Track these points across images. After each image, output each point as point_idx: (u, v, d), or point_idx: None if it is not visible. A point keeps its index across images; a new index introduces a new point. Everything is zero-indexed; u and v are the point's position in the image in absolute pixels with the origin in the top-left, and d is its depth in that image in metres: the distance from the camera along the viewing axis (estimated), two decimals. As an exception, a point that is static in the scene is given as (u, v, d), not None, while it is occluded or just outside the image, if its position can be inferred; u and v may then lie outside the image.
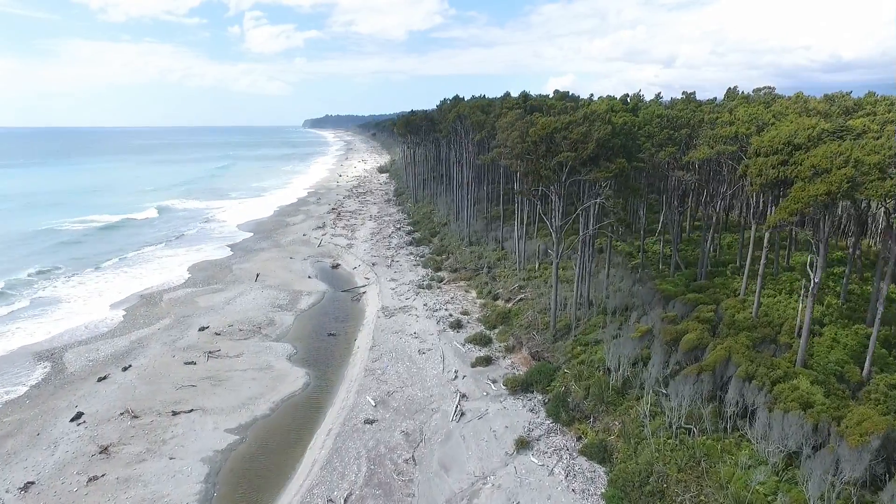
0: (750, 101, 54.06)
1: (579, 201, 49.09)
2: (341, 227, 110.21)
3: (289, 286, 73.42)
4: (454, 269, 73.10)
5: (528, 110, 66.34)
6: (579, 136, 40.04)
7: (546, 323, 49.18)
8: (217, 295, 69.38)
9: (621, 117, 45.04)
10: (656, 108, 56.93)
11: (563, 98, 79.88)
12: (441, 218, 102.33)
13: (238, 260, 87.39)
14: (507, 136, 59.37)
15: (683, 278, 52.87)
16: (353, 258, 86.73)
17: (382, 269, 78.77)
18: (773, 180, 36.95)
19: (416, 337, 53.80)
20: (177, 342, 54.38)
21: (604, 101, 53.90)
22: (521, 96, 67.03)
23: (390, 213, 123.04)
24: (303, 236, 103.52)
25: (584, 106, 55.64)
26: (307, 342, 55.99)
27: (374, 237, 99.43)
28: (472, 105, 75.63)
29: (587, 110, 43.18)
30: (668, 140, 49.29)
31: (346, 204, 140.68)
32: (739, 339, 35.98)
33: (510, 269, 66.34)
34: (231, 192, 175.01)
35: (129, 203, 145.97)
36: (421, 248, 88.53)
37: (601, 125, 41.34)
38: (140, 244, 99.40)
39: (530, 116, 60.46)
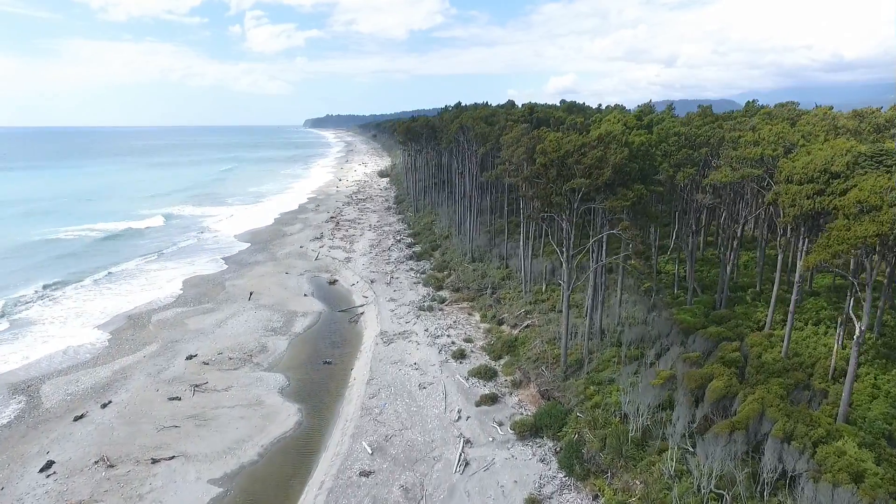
0: (773, 118, 50.75)
1: (591, 226, 45.76)
2: (339, 237, 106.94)
3: (283, 306, 70.15)
4: (456, 289, 69.80)
5: (535, 123, 63.14)
6: (594, 161, 36.76)
7: (556, 356, 45.88)
8: (208, 316, 66.12)
9: (638, 137, 41.71)
10: (671, 122, 53.59)
11: (571, 109, 76.61)
12: (442, 230, 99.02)
13: (232, 275, 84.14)
14: (512, 153, 56.12)
15: (701, 306, 49.56)
16: (352, 273, 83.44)
17: (381, 286, 75.47)
18: (808, 212, 33.65)
19: (416, 368, 50.50)
20: (162, 373, 51.11)
21: (616, 116, 50.60)
22: (527, 108, 63.74)
23: (390, 223, 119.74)
24: (300, 248, 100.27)
25: (594, 121, 52.31)
26: (301, 372, 52.72)
27: (374, 250, 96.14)
28: (475, 116, 72.31)
29: (602, 131, 39.87)
30: (687, 160, 45.97)
31: (345, 212, 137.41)
32: (772, 388, 32.67)
33: (516, 291, 63.02)
34: (232, 197, 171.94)
35: (131, 210, 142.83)
36: (422, 262, 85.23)
37: (617, 148, 38.03)
38: (133, 256, 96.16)
39: (537, 131, 57.20)
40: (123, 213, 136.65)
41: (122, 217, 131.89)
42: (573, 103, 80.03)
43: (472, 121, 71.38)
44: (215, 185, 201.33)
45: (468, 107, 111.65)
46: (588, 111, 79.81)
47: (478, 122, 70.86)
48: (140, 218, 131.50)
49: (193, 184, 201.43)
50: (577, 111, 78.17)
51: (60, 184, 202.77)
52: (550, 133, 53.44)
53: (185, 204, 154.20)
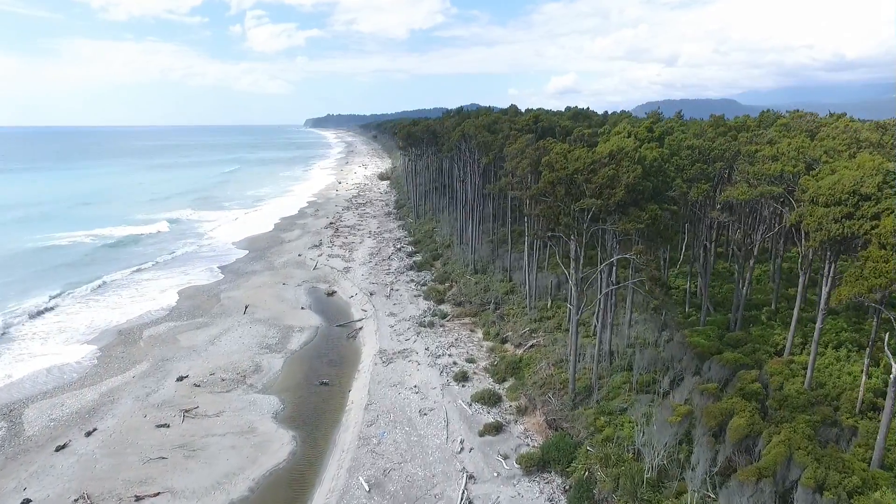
0: (790, 130, 48.48)
1: (599, 243, 43.51)
2: (339, 245, 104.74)
3: (280, 320, 67.96)
4: (458, 303, 67.57)
5: (539, 133, 60.89)
6: (605, 180, 34.50)
7: (563, 381, 43.62)
8: (201, 332, 63.92)
9: (650, 152, 39.41)
10: (683, 135, 51.29)
11: (576, 116, 74.24)
12: (444, 238, 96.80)
13: (228, 286, 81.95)
14: (516, 165, 53.89)
15: (715, 327, 47.30)
16: (350, 284, 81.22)
17: (381, 299, 73.24)
18: (836, 237, 31.38)
19: (416, 392, 48.26)
20: (151, 396, 48.90)
21: (625, 127, 48.32)
22: (531, 116, 61.46)
23: (390, 230, 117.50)
24: (298, 257, 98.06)
25: (602, 133, 49.99)
26: (296, 393, 50.52)
27: (373, 259, 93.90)
28: (478, 124, 70.00)
29: (612, 146, 37.59)
30: (701, 175, 43.70)
31: (345, 217, 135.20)
32: (798, 428, 30.41)
33: (519, 307, 60.77)
34: (232, 201, 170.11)
35: (131, 215, 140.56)
36: (422, 273, 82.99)
37: (630, 165, 35.77)
38: (130, 265, 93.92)
39: (542, 142, 54.92)
40: (123, 218, 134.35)
41: (122, 222, 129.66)
42: (578, 110, 77.53)
43: (475, 129, 69.07)
44: (217, 189, 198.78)
45: (470, 112, 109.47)
46: (593, 118, 77.50)
47: (480, 130, 68.55)
48: (141, 223, 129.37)
49: (195, 187, 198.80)
50: (582, 118, 75.87)
51: (59, 186, 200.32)
52: (557, 145, 51.19)
53: (186, 208, 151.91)
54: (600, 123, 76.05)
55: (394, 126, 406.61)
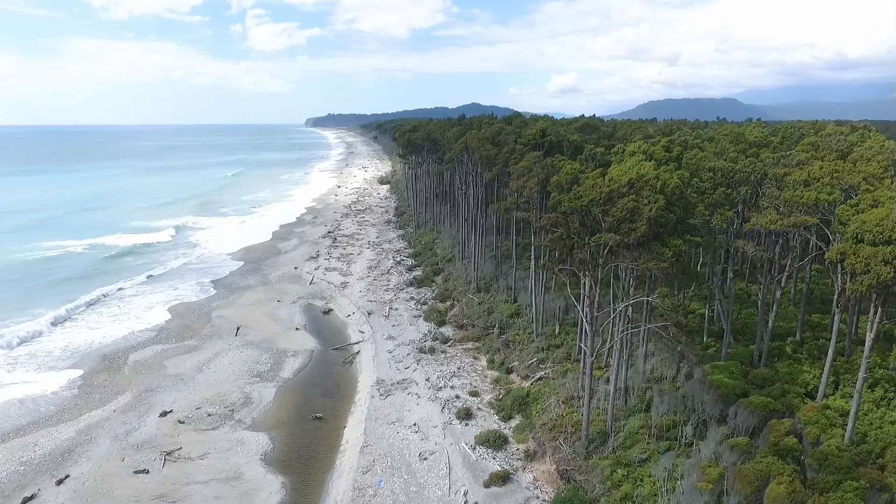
0: (819, 148, 45.04)
1: (613, 276, 40.07)
2: (336, 256, 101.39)
3: (273, 343, 64.63)
4: (460, 325, 64.20)
5: (547, 149, 57.49)
6: (625, 213, 31.12)
7: (574, 422, 40.24)
8: (189, 357, 60.60)
9: (670, 176, 35.99)
10: (700, 151, 47.82)
11: (585, 129, 70.67)
12: (445, 251, 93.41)
13: (220, 302, 78.61)
14: (523, 184, 50.49)
15: (738, 362, 43.87)
16: (348, 302, 77.85)
17: (379, 319, 69.86)
18: (886, 281, 27.97)
19: (416, 431, 44.88)
20: (131, 434, 45.53)
21: (640, 146, 44.85)
22: (538, 131, 58.04)
23: (390, 240, 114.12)
24: (294, 270, 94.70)
25: (615, 152, 46.49)
26: (288, 430, 47.17)
27: (372, 272, 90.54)
28: (481, 137, 66.55)
29: (630, 171, 34.18)
30: (725, 200, 40.27)
31: (344, 225, 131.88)
32: (846, 498, 26.99)
33: (526, 333, 57.36)
34: (231, 207, 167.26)
35: (135, 222, 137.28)
36: (423, 290, 79.62)
37: (651, 195, 32.38)
38: (121, 278, 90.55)
39: (551, 160, 51.50)
40: (122, 226, 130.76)
41: (121, 230, 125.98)
42: (586, 121, 73.99)
43: (478, 142, 65.63)
44: (219, 193, 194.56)
45: (472, 120, 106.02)
46: (601, 129, 73.82)
47: (483, 143, 65.11)
48: (141, 231, 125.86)
49: (197, 192, 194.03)
50: (590, 130, 72.24)
51: (58, 191, 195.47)
52: (566, 164, 47.80)
53: (186, 215, 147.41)
54: (609, 135, 72.70)
55: (394, 127, 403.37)
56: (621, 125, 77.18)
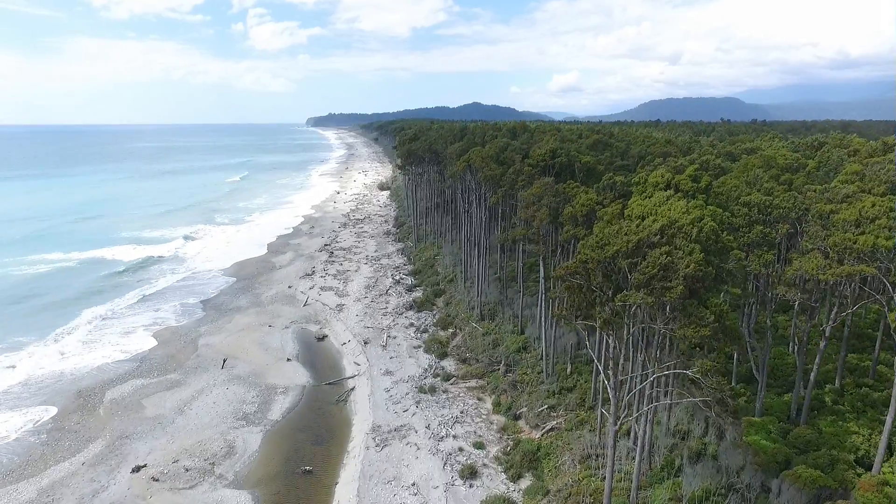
0: (866, 178, 40.32)
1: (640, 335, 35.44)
2: (332, 273, 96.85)
3: (262, 376, 60.17)
4: (463, 359, 59.66)
5: (557, 171, 52.91)
6: (656, 270, 26.54)
7: (593, 490, 35.66)
8: (170, 395, 56.13)
9: (705, 216, 31.31)
10: (732, 180, 43.16)
11: (597, 146, 65.88)
12: (446, 269, 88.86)
13: (208, 327, 74.11)
14: (532, 214, 45.90)
15: (774, 417, 39.38)
16: (343, 327, 73.32)
17: (376, 349, 65.34)
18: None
19: (415, 493, 40.32)
20: (98, 495, 40.99)
21: (663, 173, 40.17)
22: (548, 151, 53.33)
23: (389, 254, 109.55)
24: (288, 289, 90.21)
25: (636, 182, 41.75)
26: (274, 486, 42.63)
27: (369, 293, 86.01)
28: (485, 155, 61.89)
29: (662, 219, 29.56)
30: (762, 240, 35.68)
31: (341, 237, 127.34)
32: None
33: (535, 372, 52.80)
34: (231, 214, 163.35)
35: (135, 232, 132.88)
36: (423, 314, 75.06)
37: (686, 245, 27.81)
38: (109, 299, 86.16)
39: (563, 186, 46.89)
40: (118, 238, 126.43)
41: (119, 242, 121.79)
42: (599, 137, 69.19)
43: (481, 160, 61.03)
44: (219, 202, 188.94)
45: (475, 129, 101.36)
46: (615, 146, 68.79)
47: (487, 161, 60.50)
48: (144, 243, 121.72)
49: (199, 199, 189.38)
50: (603, 147, 67.32)
51: (54, 198, 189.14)
52: (581, 193, 43.21)
53: (183, 225, 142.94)
54: (622, 152, 67.97)
55: (395, 129, 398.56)
56: (635, 140, 72.46)
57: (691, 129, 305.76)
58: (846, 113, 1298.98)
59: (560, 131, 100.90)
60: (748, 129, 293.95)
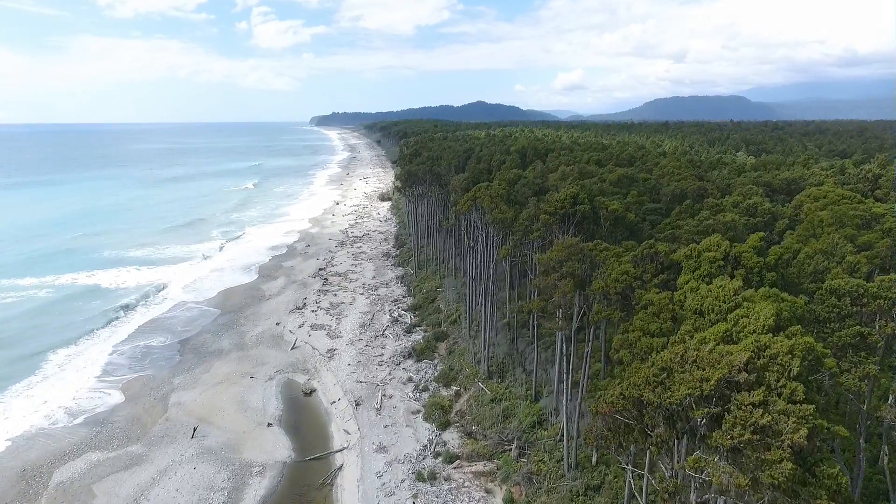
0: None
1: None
2: (325, 307, 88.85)
3: (237, 450, 52.24)
4: (468, 432, 51.56)
5: (579, 218, 44.77)
6: (750, 436, 18.38)
7: None
8: (128, 476, 48.25)
9: (811, 342, 22.98)
10: (794, 239, 34.87)
11: (622, 182, 57.15)
12: (449, 305, 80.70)
13: (182, 379, 66.22)
14: (552, 283, 37.67)
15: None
16: (333, 380, 65.29)
17: (369, 413, 57.30)
18: None
19: None
20: None
21: (717, 242, 31.89)
22: (569, 196, 44.87)
23: (387, 282, 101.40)
24: (275, 325, 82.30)
25: (686, 256, 33.22)
26: None
27: (364, 332, 78.02)
28: (493, 194, 53.49)
29: (750, 343, 21.34)
30: (860, 342, 27.40)
31: (337, 258, 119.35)
32: None
33: (554, 460, 44.54)
34: (227, 227, 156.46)
35: (125, 252, 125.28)
36: (422, 364, 66.95)
37: (786, 386, 19.67)
38: (78, 335, 78.65)
39: (590, 245, 38.55)
40: (104, 259, 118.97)
41: (103, 264, 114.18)
42: (623, 171, 60.45)
43: (489, 200, 52.74)
44: (233, 213, 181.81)
45: (481, 152, 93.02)
46: (644, 180, 59.77)
47: (496, 201, 52.28)
48: (126, 265, 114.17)
49: (210, 210, 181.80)
50: (628, 182, 58.15)
51: (49, 210, 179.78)
52: (614, 262, 34.98)
53: (177, 244, 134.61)
54: (652, 188, 59.42)
55: (397, 131, 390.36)
56: (666, 176, 63.59)
57: (701, 132, 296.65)
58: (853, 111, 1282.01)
59: (574, 153, 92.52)
60: (762, 133, 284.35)
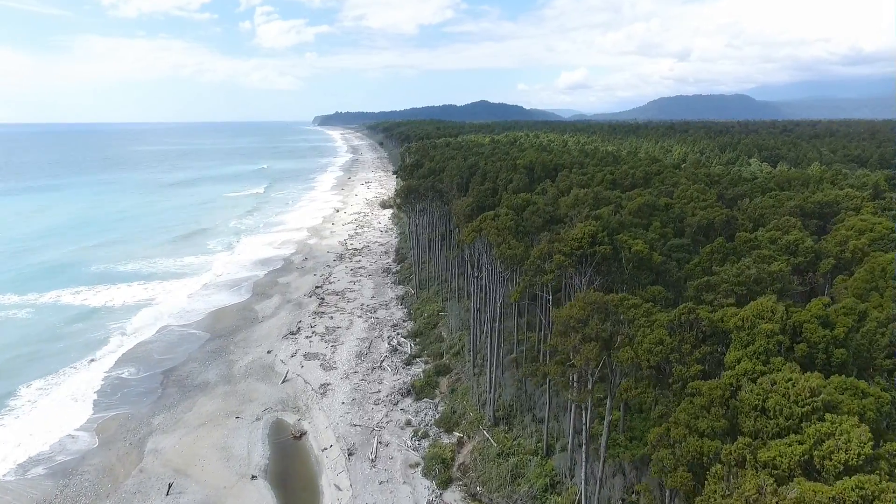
0: None
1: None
2: (321, 332, 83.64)
3: (214, 510, 47.10)
4: (472, 493, 46.25)
5: (599, 260, 39.43)
6: None
7: None
8: (91, 546, 43.16)
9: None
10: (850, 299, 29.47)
11: (642, 211, 51.17)
12: (451, 334, 75.36)
13: (163, 419, 61.17)
14: (572, 347, 32.34)
15: None
16: (326, 422, 60.05)
17: (363, 466, 52.03)
18: None
19: None
20: None
21: (770, 305, 26.44)
22: (587, 235, 39.34)
23: (387, 302, 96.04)
24: (267, 353, 77.16)
25: (736, 327, 27.66)
26: None
27: (361, 363, 72.80)
28: (501, 227, 47.96)
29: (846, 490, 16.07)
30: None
31: (335, 274, 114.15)
32: None
33: (569, 537, 39.26)
34: (223, 238, 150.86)
35: (114, 266, 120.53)
36: (422, 404, 61.64)
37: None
38: (58, 365, 73.72)
39: (613, 301, 33.18)
40: (92, 274, 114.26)
41: (90, 280, 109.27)
42: (644, 198, 54.42)
43: (496, 233, 47.26)
44: (233, 219, 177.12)
45: (486, 168, 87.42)
46: (668, 208, 53.83)
47: (504, 235, 46.87)
48: (115, 282, 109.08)
49: (217, 219, 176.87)
50: (649, 211, 52.39)
51: (54, 217, 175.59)
52: (645, 325, 29.68)
53: (171, 257, 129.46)
54: (677, 217, 53.68)
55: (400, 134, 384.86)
56: (689, 202, 57.75)
57: (710, 135, 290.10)
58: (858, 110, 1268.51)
59: (585, 168, 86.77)
60: (772, 135, 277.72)
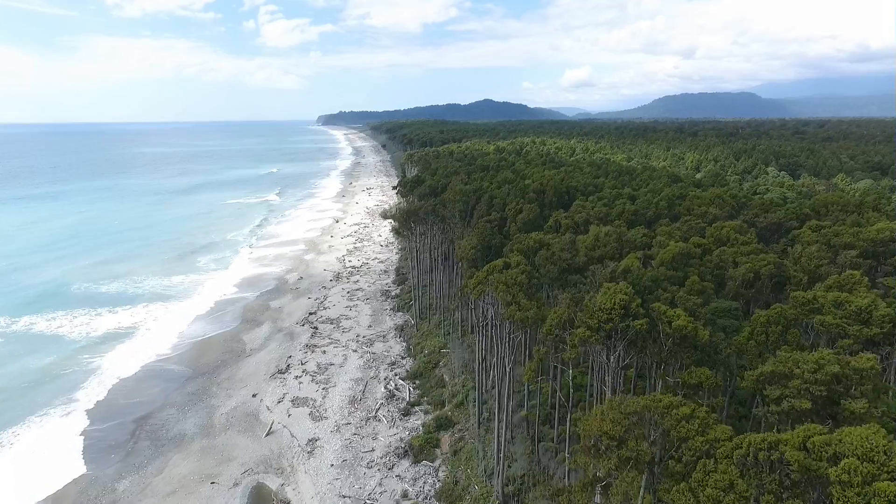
0: None
1: None
2: (312, 369, 76.84)
3: None
4: None
5: (632, 337, 32.40)
6: None
7: None
8: None
9: None
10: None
11: (678, 262, 44.05)
12: (454, 378, 68.32)
13: (129, 483, 54.77)
14: (607, 468, 25.21)
15: None
16: (312, 490, 53.11)
17: (351, 553, 45.11)
18: None
19: None
20: None
21: (881, 445, 19.47)
22: (619, 306, 32.05)
23: (384, 333, 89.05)
24: (252, 397, 70.38)
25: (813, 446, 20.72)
26: None
27: (355, 412, 65.90)
28: (510, 282, 40.58)
29: None
30: None
31: (331, 297, 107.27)
32: None
33: None
34: (216, 253, 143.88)
35: (99, 286, 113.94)
36: (421, 467, 54.63)
37: None
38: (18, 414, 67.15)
39: (659, 408, 26.07)
40: (74, 296, 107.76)
41: (73, 303, 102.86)
42: (679, 248, 47.09)
43: (505, 289, 40.14)
44: (244, 231, 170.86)
45: (495, 193, 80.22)
46: (700, 264, 45.87)
47: (514, 291, 39.66)
48: (101, 305, 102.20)
49: (230, 229, 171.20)
50: (683, 261, 44.78)
51: (46, 231, 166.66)
52: (707, 467, 22.58)
53: (165, 275, 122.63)
54: (714, 270, 46.34)
55: (403, 136, 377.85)
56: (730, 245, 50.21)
57: (720, 137, 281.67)
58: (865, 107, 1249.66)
59: (602, 192, 79.24)
60: (784, 137, 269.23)
